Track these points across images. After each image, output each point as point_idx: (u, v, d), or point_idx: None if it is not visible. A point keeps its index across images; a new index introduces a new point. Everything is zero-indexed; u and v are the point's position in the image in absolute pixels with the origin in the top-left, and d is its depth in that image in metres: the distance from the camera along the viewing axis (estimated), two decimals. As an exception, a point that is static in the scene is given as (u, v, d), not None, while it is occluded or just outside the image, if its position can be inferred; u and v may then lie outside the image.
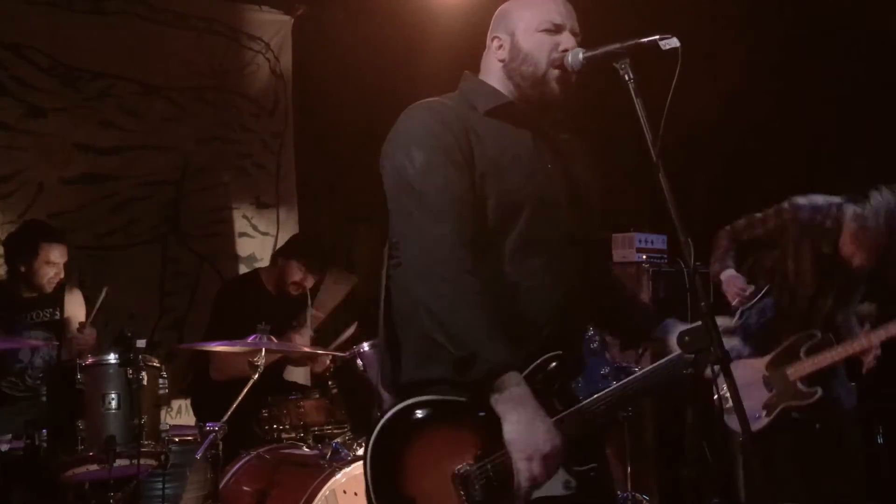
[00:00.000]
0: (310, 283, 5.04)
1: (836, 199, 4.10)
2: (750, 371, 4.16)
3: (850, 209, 4.01)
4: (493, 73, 2.37)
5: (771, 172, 5.70)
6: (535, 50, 2.29)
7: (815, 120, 5.70)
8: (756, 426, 4.05)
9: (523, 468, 2.04)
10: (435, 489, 2.09)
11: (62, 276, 4.64)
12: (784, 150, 5.80)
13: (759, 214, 4.24)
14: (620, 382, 2.20)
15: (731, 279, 4.13)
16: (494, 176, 2.21)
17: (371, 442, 2.13)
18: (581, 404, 2.15)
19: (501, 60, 2.35)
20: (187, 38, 6.01)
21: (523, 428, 2.04)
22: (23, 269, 4.57)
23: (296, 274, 4.96)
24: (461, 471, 2.10)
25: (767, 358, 4.15)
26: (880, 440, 4.75)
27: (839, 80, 5.68)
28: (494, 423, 2.07)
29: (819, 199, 4.15)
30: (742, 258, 4.27)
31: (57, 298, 4.69)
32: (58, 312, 4.68)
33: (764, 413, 4.09)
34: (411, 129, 2.26)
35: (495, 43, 2.37)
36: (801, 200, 4.17)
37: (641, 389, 2.23)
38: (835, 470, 4.26)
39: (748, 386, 4.10)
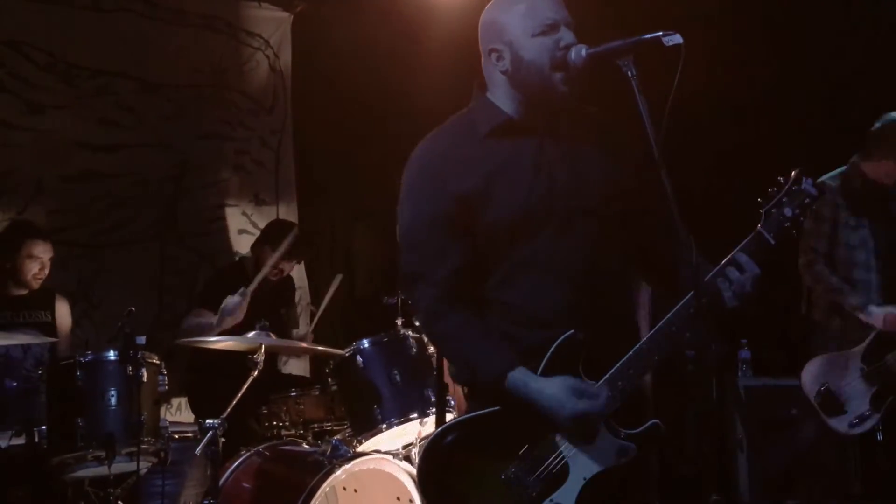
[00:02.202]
0: (287, 268, 5.13)
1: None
2: (844, 366, 4.10)
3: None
4: (498, 86, 2.35)
5: (771, 167, 5.70)
6: (538, 56, 2.25)
7: (815, 115, 5.71)
8: (868, 424, 4.02)
9: (563, 435, 2.18)
10: (490, 499, 2.17)
11: (47, 272, 4.69)
12: (784, 145, 5.81)
13: (807, 226, 4.25)
14: (644, 339, 2.23)
15: (891, 319, 4.08)
16: (492, 197, 2.26)
17: (419, 471, 2.29)
18: (611, 372, 2.20)
19: (504, 72, 2.32)
20: (186, 35, 5.99)
21: (542, 406, 2.17)
22: (8, 265, 4.63)
23: (270, 258, 5.01)
24: (509, 474, 2.17)
25: (858, 350, 4.11)
26: (880, 437, 4.74)
27: (838, 71, 5.69)
28: (523, 418, 2.18)
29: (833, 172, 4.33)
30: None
31: (48, 302, 4.77)
32: (49, 315, 4.72)
33: (872, 410, 4.03)
34: (410, 161, 2.40)
35: (494, 55, 2.32)
36: (823, 178, 4.27)
37: (667, 340, 2.21)
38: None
39: (847, 385, 4.04)
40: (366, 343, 3.98)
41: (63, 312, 4.87)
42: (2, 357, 4.48)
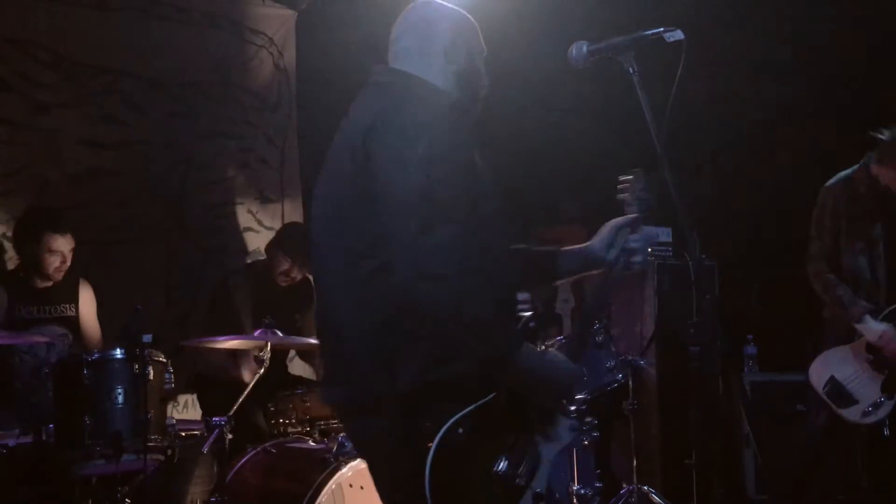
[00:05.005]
0: (298, 274, 4.98)
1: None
2: (850, 358, 4.11)
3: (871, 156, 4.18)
4: (439, 76, 2.39)
5: (775, 163, 5.70)
6: (484, 76, 2.42)
7: (817, 111, 5.70)
8: (883, 412, 4.03)
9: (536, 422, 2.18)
10: (488, 493, 2.13)
11: (69, 263, 4.62)
12: (788, 141, 5.80)
13: (813, 231, 4.25)
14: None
15: (887, 337, 4.05)
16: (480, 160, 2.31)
17: (428, 472, 2.07)
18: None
19: (456, 72, 2.40)
20: (190, 33, 6.00)
21: (559, 373, 2.21)
22: (29, 257, 4.58)
23: (282, 264, 4.92)
24: (500, 468, 2.13)
25: (863, 341, 4.10)
26: (886, 432, 4.73)
27: (842, 72, 5.68)
28: (514, 411, 2.14)
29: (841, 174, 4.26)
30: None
31: (73, 293, 4.71)
32: (74, 308, 4.68)
33: (885, 397, 4.03)
34: (414, 109, 2.24)
35: (453, 51, 2.42)
36: (830, 182, 4.27)
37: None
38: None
39: (856, 376, 4.05)
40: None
41: (86, 300, 4.78)
42: (26, 355, 4.47)
